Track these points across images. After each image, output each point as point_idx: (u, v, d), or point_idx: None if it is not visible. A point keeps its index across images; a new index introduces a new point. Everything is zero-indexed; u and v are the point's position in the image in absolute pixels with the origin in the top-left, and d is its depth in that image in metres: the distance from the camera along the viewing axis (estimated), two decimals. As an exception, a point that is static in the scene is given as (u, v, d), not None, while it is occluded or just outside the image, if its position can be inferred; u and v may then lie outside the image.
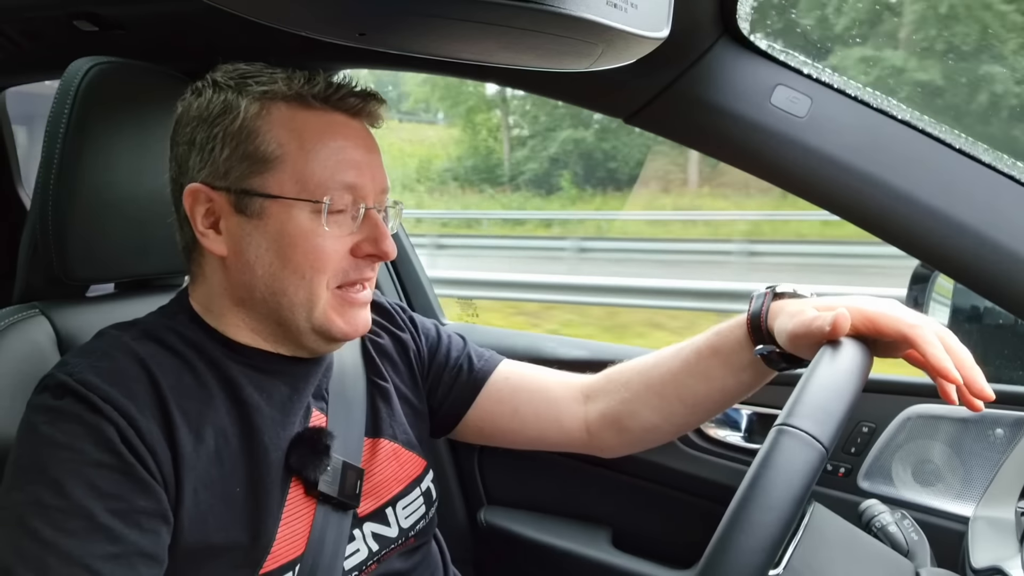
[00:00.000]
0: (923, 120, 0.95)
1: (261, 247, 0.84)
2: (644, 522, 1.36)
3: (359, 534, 0.92)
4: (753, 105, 0.97)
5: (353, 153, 0.86)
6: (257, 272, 0.85)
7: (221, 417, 0.83)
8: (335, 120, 0.86)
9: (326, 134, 0.84)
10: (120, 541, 0.71)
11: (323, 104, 0.85)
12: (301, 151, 0.83)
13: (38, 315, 0.95)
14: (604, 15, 0.66)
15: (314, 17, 0.67)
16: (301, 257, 0.83)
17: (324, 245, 0.84)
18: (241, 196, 0.83)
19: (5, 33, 1.24)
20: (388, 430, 1.00)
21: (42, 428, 0.74)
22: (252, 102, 0.84)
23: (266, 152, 0.83)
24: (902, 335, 0.77)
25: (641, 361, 1.05)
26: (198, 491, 0.78)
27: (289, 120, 0.84)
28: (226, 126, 0.83)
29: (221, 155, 0.83)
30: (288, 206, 0.83)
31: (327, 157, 0.84)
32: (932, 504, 1.13)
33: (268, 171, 0.83)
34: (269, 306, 0.86)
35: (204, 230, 0.85)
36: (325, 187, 0.83)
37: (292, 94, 0.84)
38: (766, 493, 0.60)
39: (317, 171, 0.83)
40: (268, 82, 0.84)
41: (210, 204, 0.85)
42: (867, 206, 0.96)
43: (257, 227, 0.84)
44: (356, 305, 0.89)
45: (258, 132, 0.83)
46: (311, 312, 0.85)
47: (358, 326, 0.89)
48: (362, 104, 0.87)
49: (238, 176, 0.83)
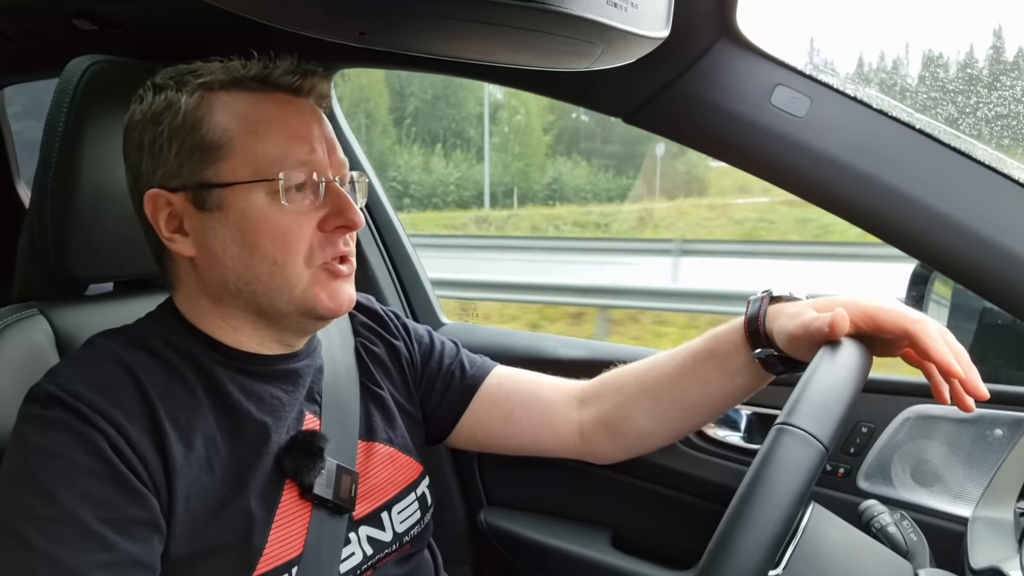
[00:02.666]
0: (922, 120, 0.95)
1: (226, 239, 0.83)
2: (644, 523, 1.36)
3: (354, 537, 0.92)
4: (753, 105, 0.97)
5: (302, 129, 0.84)
6: (227, 265, 0.84)
7: (210, 425, 0.82)
8: (277, 99, 0.85)
9: (270, 113, 0.83)
10: (112, 549, 0.70)
11: (262, 85, 0.84)
12: (248, 133, 0.82)
13: (36, 314, 0.95)
14: (604, 15, 0.66)
15: (314, 16, 0.67)
16: (268, 241, 0.82)
17: (288, 223, 0.82)
18: (198, 192, 0.83)
19: (3, 32, 1.24)
20: (383, 434, 0.99)
21: (32, 438, 0.74)
22: (191, 95, 0.83)
23: (213, 140, 0.82)
24: (903, 329, 0.77)
25: (637, 365, 1.05)
26: (190, 499, 0.78)
27: (230, 105, 0.83)
28: (169, 122, 0.83)
29: (171, 152, 0.83)
30: (245, 191, 0.82)
31: (275, 135, 0.83)
32: (931, 505, 1.13)
33: (219, 160, 0.82)
34: (245, 297, 0.85)
35: (169, 235, 0.85)
36: (278, 165, 0.82)
37: (229, 80, 0.83)
38: (767, 491, 0.60)
39: (267, 150, 0.82)
40: (205, 74, 0.84)
41: (170, 208, 0.84)
42: (866, 206, 0.96)
43: (219, 220, 0.83)
44: (340, 277, 0.87)
45: (201, 122, 0.82)
46: (292, 293, 0.84)
47: (343, 302, 0.87)
48: (301, 81, 0.85)
49: (191, 170, 0.83)
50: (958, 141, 0.93)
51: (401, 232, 1.64)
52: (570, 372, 1.13)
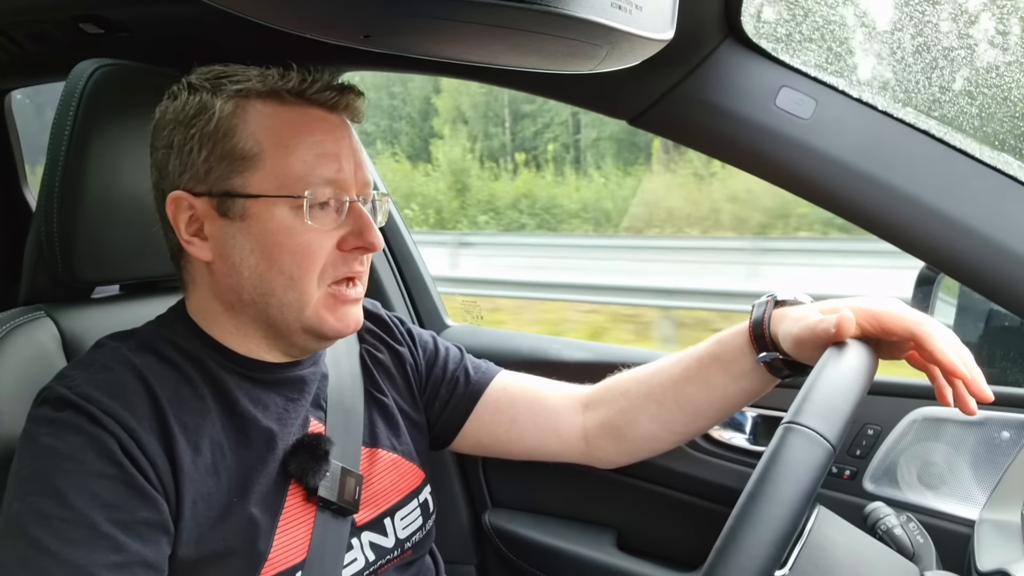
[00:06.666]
0: (927, 122, 0.95)
1: (245, 249, 0.83)
2: (649, 524, 1.36)
3: (357, 543, 0.92)
4: (758, 107, 0.97)
5: (332, 147, 0.84)
6: (244, 275, 0.84)
7: (217, 430, 0.83)
8: (312, 115, 0.85)
9: (303, 129, 0.83)
10: (122, 550, 0.71)
11: (298, 99, 0.84)
12: (278, 147, 0.82)
13: (43, 317, 0.95)
14: (609, 17, 0.66)
15: (319, 19, 0.68)
16: (287, 256, 0.83)
17: (309, 241, 0.83)
18: (223, 199, 0.83)
19: (10, 36, 1.25)
20: (386, 441, 0.99)
21: (44, 439, 0.74)
22: (226, 101, 0.83)
23: (244, 150, 0.82)
24: (909, 332, 0.77)
25: (641, 370, 1.05)
26: (196, 503, 0.78)
27: (265, 117, 0.83)
28: (202, 127, 0.83)
29: (199, 157, 0.83)
30: (270, 204, 0.82)
31: (305, 152, 0.83)
32: (938, 507, 1.13)
33: (247, 170, 0.82)
34: (258, 308, 0.86)
35: (188, 237, 0.85)
36: (305, 182, 0.82)
37: (266, 90, 0.83)
38: (775, 489, 0.60)
39: (296, 166, 0.82)
40: (242, 80, 0.84)
41: (192, 211, 0.84)
42: (871, 208, 0.96)
43: (240, 229, 0.83)
44: (348, 302, 0.87)
45: (234, 131, 0.82)
46: (301, 312, 0.85)
47: (349, 324, 0.88)
48: (338, 97, 0.86)
49: (218, 177, 0.83)
50: (963, 143, 0.93)
51: (406, 235, 1.64)
52: (574, 374, 1.13)
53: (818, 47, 1.07)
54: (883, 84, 1.15)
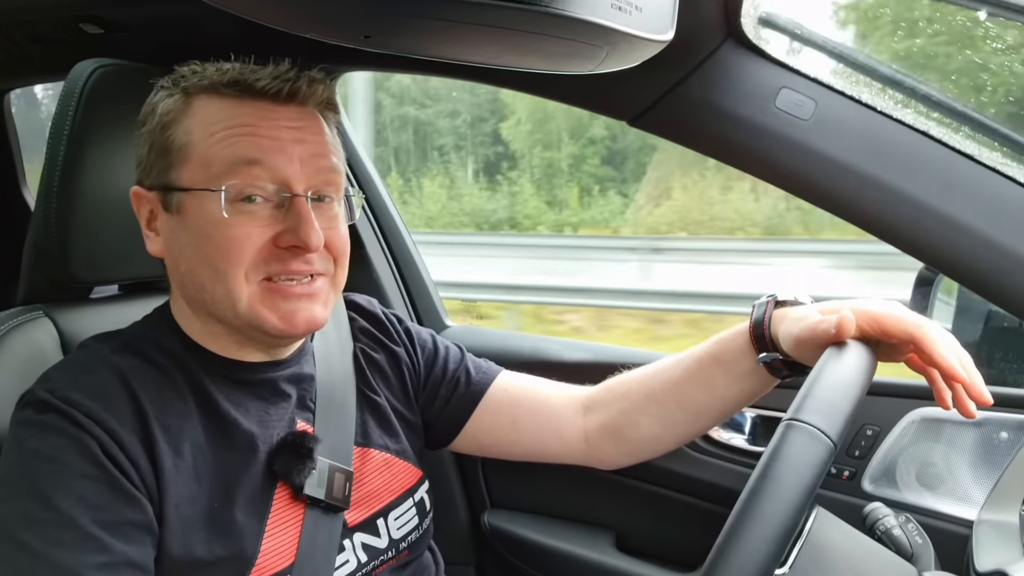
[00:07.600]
0: (927, 123, 0.95)
1: (183, 242, 0.83)
2: (648, 525, 1.36)
3: (348, 544, 0.91)
4: (757, 108, 0.97)
5: (270, 137, 0.81)
6: (182, 269, 0.84)
7: (199, 433, 0.82)
8: (250, 106, 0.82)
9: (233, 119, 0.81)
10: (108, 551, 0.71)
11: (235, 91, 0.82)
12: (205, 139, 0.81)
13: (42, 317, 0.95)
14: (609, 18, 0.66)
15: (319, 20, 0.68)
16: (214, 249, 0.80)
17: (235, 235, 0.80)
18: (164, 193, 0.83)
19: (9, 36, 1.24)
20: (379, 440, 0.99)
21: (28, 442, 0.74)
22: (171, 97, 0.84)
23: (175, 144, 0.82)
24: (908, 334, 0.77)
25: (642, 371, 1.05)
26: (179, 506, 0.78)
27: (200, 110, 0.82)
28: (150, 125, 0.84)
29: (147, 153, 0.84)
30: (199, 198, 0.81)
31: (232, 143, 0.80)
32: (936, 507, 1.13)
33: (179, 163, 0.82)
34: (201, 303, 0.84)
35: (147, 232, 0.87)
36: (229, 174, 0.80)
37: (207, 85, 0.82)
38: (776, 486, 0.61)
39: (219, 157, 0.80)
40: (191, 77, 0.83)
41: (150, 206, 0.85)
42: (871, 209, 0.96)
43: (180, 223, 0.83)
44: (290, 297, 0.82)
45: (170, 126, 0.83)
46: (235, 307, 0.81)
47: (296, 322, 0.83)
48: (283, 86, 0.82)
49: (157, 172, 0.84)
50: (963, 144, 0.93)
51: (405, 234, 1.64)
52: (575, 375, 1.13)
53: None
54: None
